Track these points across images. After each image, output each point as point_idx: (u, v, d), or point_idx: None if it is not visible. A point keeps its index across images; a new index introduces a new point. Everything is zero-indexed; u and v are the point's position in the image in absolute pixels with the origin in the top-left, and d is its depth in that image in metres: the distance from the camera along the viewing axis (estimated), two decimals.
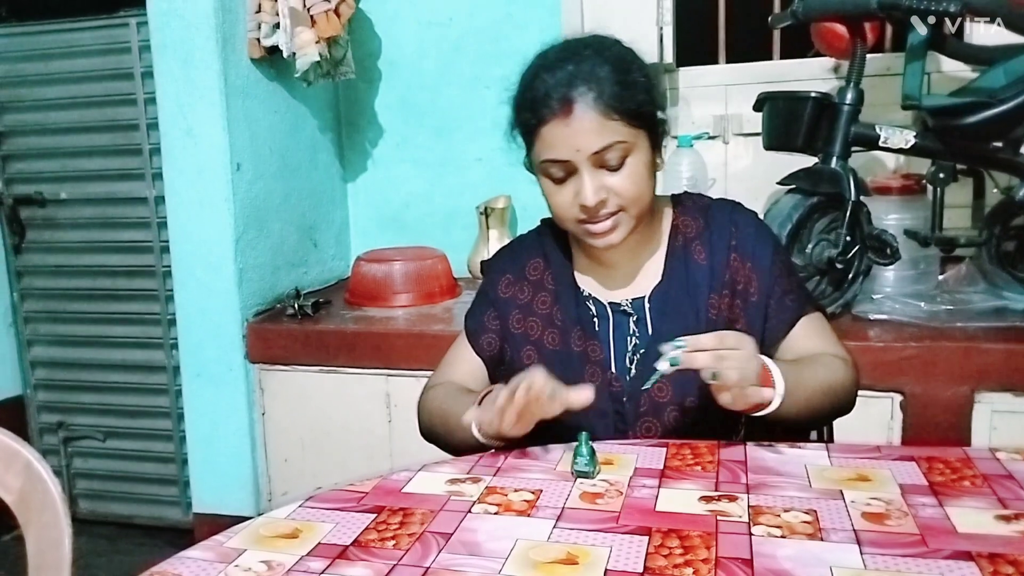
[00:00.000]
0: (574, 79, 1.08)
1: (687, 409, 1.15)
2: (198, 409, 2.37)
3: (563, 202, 1.13)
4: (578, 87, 1.07)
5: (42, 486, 0.87)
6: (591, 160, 1.09)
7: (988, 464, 0.99)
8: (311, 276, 2.63)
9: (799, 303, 1.21)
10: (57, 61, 2.57)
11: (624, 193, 1.10)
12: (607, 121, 1.07)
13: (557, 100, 1.08)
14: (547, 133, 1.09)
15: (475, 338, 1.28)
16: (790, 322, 1.20)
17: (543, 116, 1.09)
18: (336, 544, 0.85)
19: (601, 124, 1.07)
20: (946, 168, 1.95)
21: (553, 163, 1.11)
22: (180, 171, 2.27)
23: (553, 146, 1.10)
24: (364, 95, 2.75)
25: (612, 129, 1.08)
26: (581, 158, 1.09)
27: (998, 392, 1.80)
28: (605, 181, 1.10)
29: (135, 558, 2.49)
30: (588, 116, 1.07)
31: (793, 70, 2.42)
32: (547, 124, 1.09)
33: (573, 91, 1.07)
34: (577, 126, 1.07)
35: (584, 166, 1.09)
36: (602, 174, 1.10)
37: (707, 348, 0.98)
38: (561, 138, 1.08)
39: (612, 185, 1.10)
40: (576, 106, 1.07)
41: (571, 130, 1.08)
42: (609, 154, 1.08)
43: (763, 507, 0.89)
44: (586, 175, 1.09)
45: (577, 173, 1.10)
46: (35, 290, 2.74)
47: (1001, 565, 0.76)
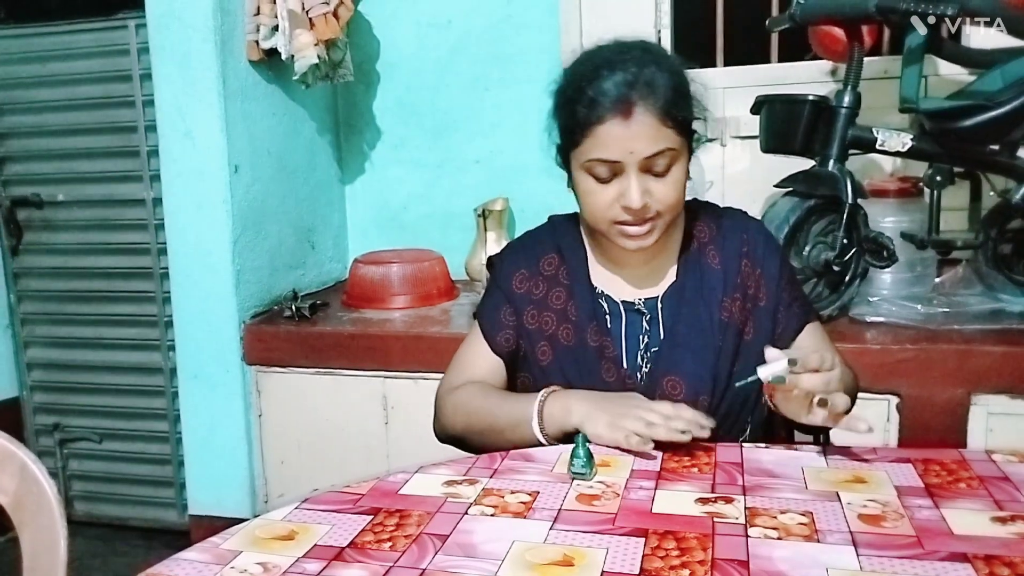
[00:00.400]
0: (636, 82, 1.08)
1: (699, 408, 1.15)
2: (194, 411, 2.37)
3: (603, 201, 1.13)
4: (640, 90, 1.08)
5: (38, 488, 0.87)
6: (640, 164, 1.10)
7: (984, 466, 0.99)
8: (308, 278, 2.62)
9: (804, 312, 1.26)
10: (55, 63, 2.57)
11: (666, 200, 1.12)
12: (663, 128, 1.09)
13: (618, 100, 1.08)
14: (603, 132, 1.09)
15: (492, 335, 1.27)
16: (797, 330, 1.24)
17: (602, 115, 1.09)
18: (332, 546, 0.85)
19: (657, 130, 1.09)
20: (943, 171, 1.95)
21: (602, 163, 1.11)
22: (178, 173, 2.27)
23: (607, 146, 1.10)
24: (362, 97, 2.75)
25: (666, 136, 1.09)
26: (632, 161, 1.09)
27: (994, 394, 1.80)
28: (649, 186, 1.11)
29: (131, 560, 2.49)
30: (647, 120, 1.08)
31: (790, 73, 2.42)
32: (605, 123, 1.09)
33: (635, 93, 1.08)
34: (635, 129, 1.08)
35: (632, 169, 1.10)
36: (647, 179, 1.11)
37: (815, 369, 0.98)
38: (617, 139, 1.09)
39: (655, 191, 1.11)
40: (636, 109, 1.08)
41: (629, 132, 1.08)
42: (658, 160, 1.10)
43: (759, 509, 0.89)
44: (634, 178, 1.10)
45: (623, 175, 1.11)
46: (32, 292, 2.73)
47: (997, 567, 0.76)
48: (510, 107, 2.57)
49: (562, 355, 1.21)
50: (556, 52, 2.49)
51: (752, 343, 1.21)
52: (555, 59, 2.50)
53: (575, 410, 1.10)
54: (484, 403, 1.19)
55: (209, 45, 2.17)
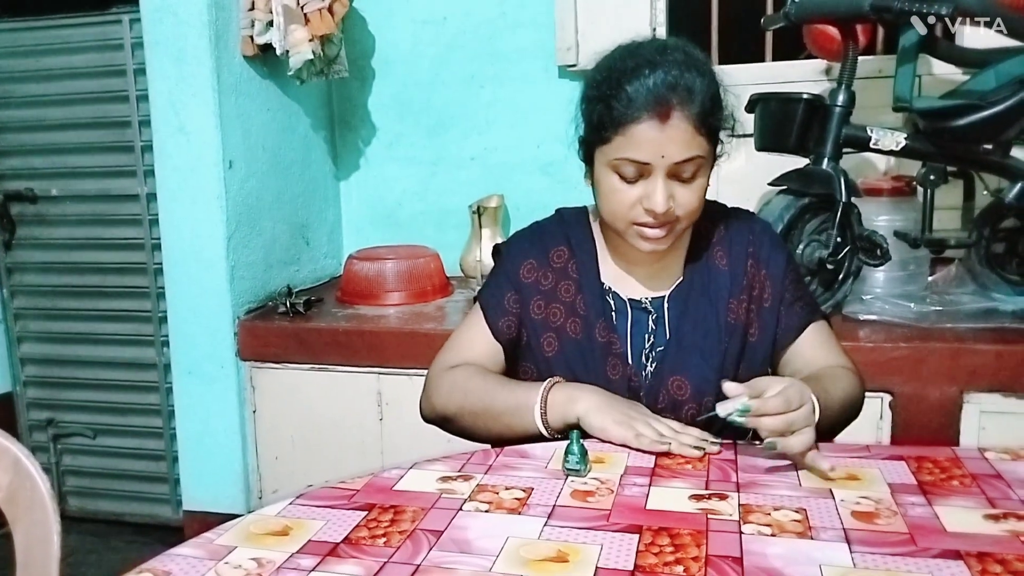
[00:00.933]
0: (677, 85, 1.07)
1: (705, 406, 1.16)
2: (189, 407, 2.37)
3: (626, 201, 1.12)
4: (680, 94, 1.06)
5: (31, 483, 0.87)
6: (669, 169, 1.08)
7: (977, 464, 1.00)
8: (303, 274, 2.62)
9: (808, 311, 1.24)
10: (49, 57, 2.56)
11: (688, 206, 1.11)
12: (696, 135, 1.08)
13: (657, 102, 1.06)
14: (638, 132, 1.07)
15: (494, 320, 1.25)
16: (799, 328, 1.23)
17: (639, 114, 1.07)
18: (327, 541, 0.85)
19: (691, 136, 1.07)
20: (936, 170, 1.96)
21: (632, 163, 1.09)
22: (172, 168, 2.26)
23: (640, 146, 1.08)
24: (357, 93, 2.74)
25: (698, 143, 1.08)
26: (663, 164, 1.08)
27: (987, 392, 1.81)
28: (674, 191, 1.10)
29: (125, 556, 2.48)
30: (683, 126, 1.07)
31: (785, 72, 2.43)
32: (641, 123, 1.07)
33: (675, 97, 1.06)
34: (671, 133, 1.06)
35: (660, 172, 1.09)
36: (673, 184, 1.10)
37: (773, 412, 0.96)
38: (651, 141, 1.07)
39: (680, 196, 1.10)
40: (674, 113, 1.06)
41: (664, 136, 1.07)
42: (687, 166, 1.09)
43: (753, 505, 0.90)
44: (660, 182, 1.09)
45: (649, 177, 1.10)
46: (25, 287, 2.73)
47: (989, 564, 0.76)
48: (505, 104, 2.57)
49: (569, 348, 1.21)
50: (551, 50, 2.50)
51: (757, 345, 1.21)
52: (550, 57, 2.50)
53: (582, 400, 1.10)
54: (483, 384, 1.18)
55: (203, 40, 2.17)
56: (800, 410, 0.97)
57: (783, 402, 0.96)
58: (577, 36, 2.47)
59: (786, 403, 0.96)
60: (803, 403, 0.97)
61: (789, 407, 0.96)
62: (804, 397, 0.98)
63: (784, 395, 0.96)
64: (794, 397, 0.97)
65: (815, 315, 1.25)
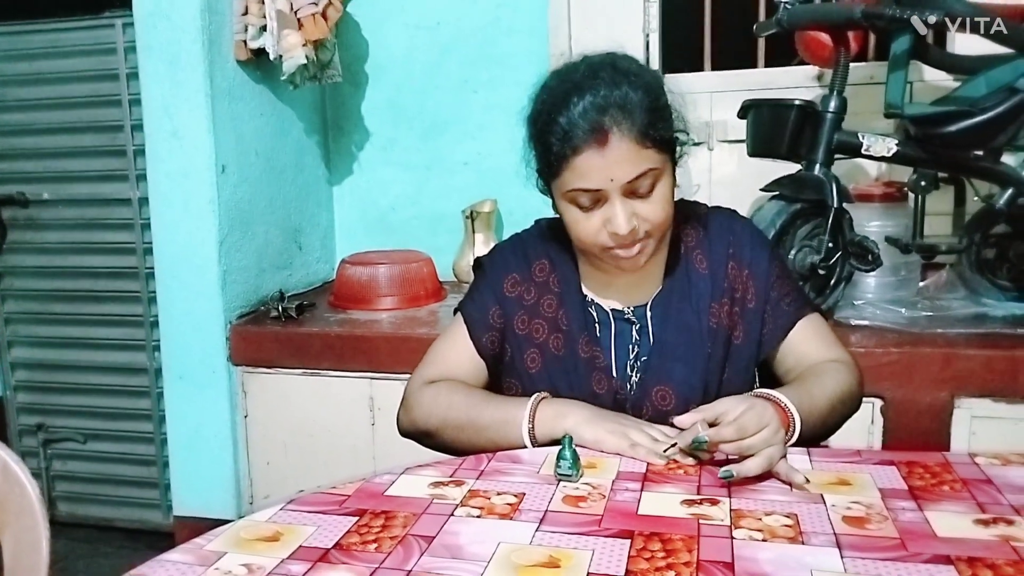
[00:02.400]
0: (608, 106, 1.04)
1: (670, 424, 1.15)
2: (180, 412, 2.36)
3: (590, 229, 1.10)
4: (613, 115, 1.04)
5: (20, 488, 0.86)
6: (623, 189, 1.06)
7: (967, 469, 1.00)
8: (296, 279, 2.62)
9: (796, 306, 1.22)
10: (42, 61, 2.55)
11: (654, 219, 1.09)
12: (642, 150, 1.05)
13: (592, 129, 1.04)
14: (580, 163, 1.05)
15: (477, 335, 1.23)
16: (787, 326, 1.21)
17: (577, 145, 1.04)
18: (317, 547, 0.84)
19: (636, 153, 1.05)
20: (928, 176, 1.97)
21: (583, 192, 1.07)
22: (165, 173, 2.26)
23: (585, 175, 1.06)
24: (351, 98, 2.74)
25: (646, 157, 1.05)
26: (614, 187, 1.06)
27: (977, 398, 1.82)
28: (636, 209, 1.08)
29: (115, 561, 2.47)
30: (624, 146, 1.04)
31: (777, 78, 2.44)
32: (580, 154, 1.05)
33: (608, 119, 1.03)
34: (613, 156, 1.04)
35: (615, 195, 1.06)
36: (632, 202, 1.08)
37: (728, 440, 0.95)
38: (595, 168, 1.05)
39: (642, 212, 1.08)
40: (612, 135, 1.03)
41: (606, 161, 1.04)
42: (641, 182, 1.06)
43: (744, 511, 0.90)
44: (618, 204, 1.07)
45: (607, 201, 1.07)
46: (16, 291, 2.71)
47: (980, 569, 0.76)
48: (499, 109, 2.57)
49: (552, 364, 1.20)
50: (545, 55, 2.50)
51: (742, 347, 1.20)
52: (544, 62, 2.51)
53: (571, 415, 1.09)
54: (467, 398, 1.17)
55: (197, 44, 2.16)
56: (757, 435, 0.95)
57: (736, 430, 0.95)
58: (571, 42, 2.47)
59: (740, 431, 0.95)
60: (762, 427, 0.96)
61: (744, 434, 0.95)
62: (763, 420, 0.96)
63: (738, 423, 0.95)
64: (750, 423, 0.95)
65: (804, 310, 1.22)
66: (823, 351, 1.20)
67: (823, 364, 1.17)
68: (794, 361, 1.20)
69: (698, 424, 0.98)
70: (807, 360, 1.19)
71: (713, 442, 0.96)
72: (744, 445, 0.95)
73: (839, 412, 1.14)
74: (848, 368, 1.18)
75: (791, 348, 1.21)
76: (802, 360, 1.19)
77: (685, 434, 0.99)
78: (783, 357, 1.21)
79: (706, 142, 2.48)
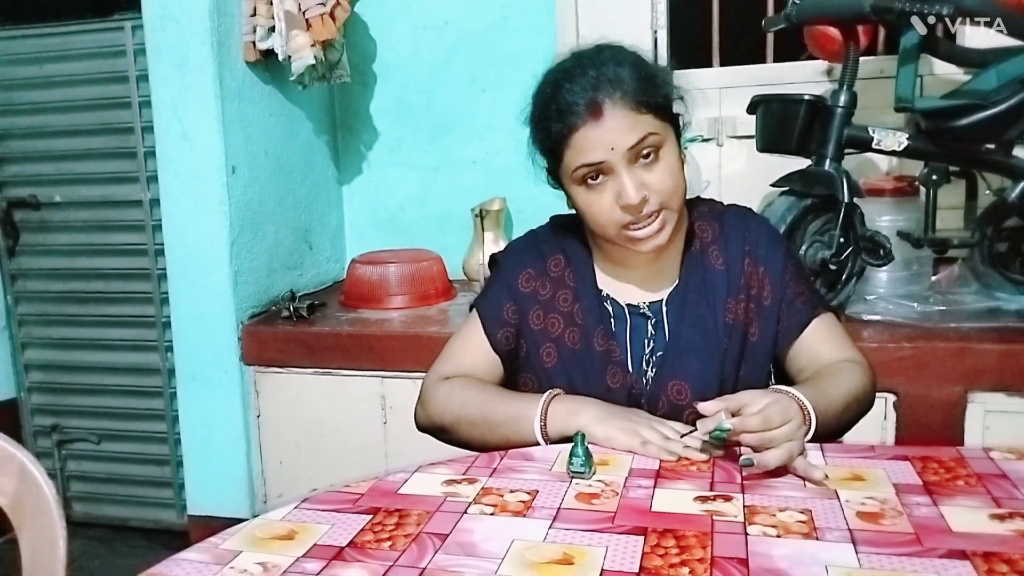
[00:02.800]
0: (598, 82, 1.07)
1: (688, 419, 1.14)
2: (193, 412, 2.37)
3: (604, 208, 1.11)
4: (604, 87, 1.07)
5: (36, 489, 0.87)
6: (627, 157, 1.08)
7: (982, 463, 0.99)
8: (306, 278, 2.62)
9: (810, 305, 1.22)
10: (52, 64, 2.56)
11: (663, 187, 1.10)
12: (638, 116, 1.07)
13: (585, 105, 1.07)
14: (579, 139, 1.08)
15: (492, 331, 1.24)
16: (802, 324, 1.21)
17: (573, 123, 1.08)
18: (332, 545, 0.85)
19: (633, 119, 1.07)
20: (939, 170, 1.96)
21: (588, 167, 1.09)
22: (175, 174, 2.27)
23: (586, 150, 1.08)
24: (359, 98, 2.75)
25: (644, 122, 1.08)
26: (617, 157, 1.07)
27: (991, 392, 1.81)
28: (643, 178, 1.09)
29: (130, 561, 2.48)
30: (619, 113, 1.07)
31: (786, 73, 2.43)
32: (579, 130, 1.08)
33: (600, 93, 1.07)
34: (609, 125, 1.07)
35: (620, 165, 1.08)
36: (639, 172, 1.09)
37: (752, 431, 0.95)
38: (594, 140, 1.07)
39: (650, 181, 1.09)
40: (605, 106, 1.06)
41: (604, 130, 1.07)
42: (644, 148, 1.08)
43: (758, 507, 0.90)
44: (624, 174, 1.08)
45: (614, 175, 1.09)
46: (29, 293, 2.73)
47: (996, 564, 0.76)
48: (507, 108, 2.54)
49: (568, 359, 1.20)
50: (552, 53, 2.48)
51: (759, 344, 1.20)
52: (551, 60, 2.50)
53: (583, 413, 1.09)
54: (481, 395, 1.18)
55: (206, 46, 2.17)
56: (781, 428, 0.95)
57: (762, 421, 0.95)
58: (578, 39, 2.47)
59: (765, 422, 0.95)
60: (786, 420, 0.96)
61: (769, 426, 0.95)
62: (787, 414, 0.96)
63: (764, 414, 0.95)
64: (775, 416, 0.95)
65: (818, 309, 1.22)
66: (836, 351, 1.20)
67: (837, 364, 1.17)
68: (807, 360, 1.20)
69: (722, 412, 0.97)
70: (820, 360, 1.19)
71: (735, 431, 0.96)
72: (767, 437, 0.95)
73: (853, 411, 1.13)
74: (862, 368, 1.18)
75: (804, 347, 1.21)
76: (815, 360, 1.19)
77: (707, 421, 0.99)
78: (796, 356, 1.21)
79: (715, 138, 2.47)
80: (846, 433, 1.17)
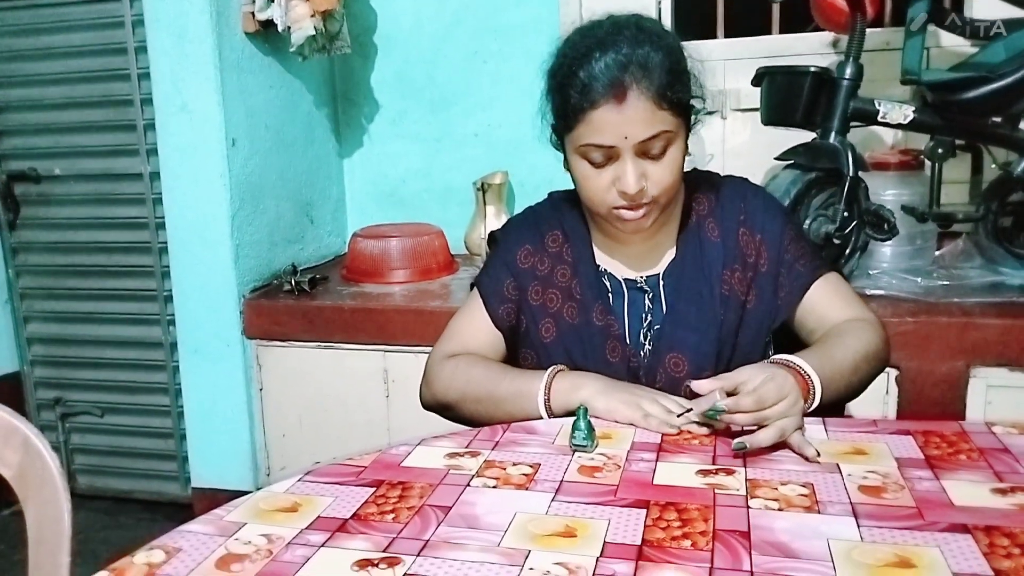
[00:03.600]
0: (629, 64, 1.04)
1: (683, 393, 1.15)
2: (196, 385, 2.38)
3: (599, 186, 1.11)
4: (634, 72, 1.04)
5: (40, 462, 0.87)
6: (636, 148, 1.07)
7: (984, 438, 1.00)
8: (308, 252, 2.62)
9: (811, 267, 1.21)
10: (50, 36, 2.54)
11: (662, 183, 1.10)
12: (658, 111, 1.06)
13: (611, 84, 1.04)
14: (596, 117, 1.06)
15: (493, 308, 1.25)
16: (803, 287, 1.20)
17: (595, 99, 1.05)
18: (336, 517, 0.85)
19: (652, 113, 1.05)
20: (944, 143, 1.95)
21: (596, 147, 1.08)
22: (175, 147, 2.25)
23: (601, 131, 1.07)
24: (360, 70, 2.72)
25: (661, 119, 1.06)
26: (627, 145, 1.06)
27: (993, 367, 1.81)
28: (646, 169, 1.08)
29: (134, 532, 2.51)
30: (641, 104, 1.05)
31: (792, 45, 2.41)
32: (598, 108, 1.05)
33: (628, 76, 1.04)
34: (630, 113, 1.05)
35: (628, 153, 1.07)
36: (643, 162, 1.08)
37: (746, 411, 0.95)
38: (611, 124, 1.06)
39: (652, 174, 1.09)
40: (631, 93, 1.04)
41: (623, 117, 1.05)
42: (654, 143, 1.07)
43: (760, 480, 0.90)
44: (629, 162, 1.07)
45: (618, 159, 1.08)
46: (30, 267, 2.73)
47: (997, 538, 0.76)
48: (509, 80, 2.55)
49: (567, 333, 1.21)
50: (555, 24, 2.47)
51: (756, 312, 1.20)
52: (554, 31, 2.48)
53: (585, 387, 1.10)
54: (485, 372, 1.18)
55: (205, 17, 2.15)
56: (776, 406, 0.95)
57: (755, 401, 0.94)
58: (581, 10, 2.44)
59: (759, 402, 0.94)
60: (781, 397, 0.95)
61: (763, 405, 0.94)
62: (782, 391, 0.95)
63: (758, 394, 0.95)
64: (769, 394, 0.95)
65: (820, 270, 1.21)
66: (844, 310, 1.19)
67: (844, 324, 1.16)
68: (815, 322, 1.19)
69: (716, 392, 0.98)
70: (828, 320, 1.18)
71: (730, 411, 0.96)
72: (761, 416, 0.95)
73: (864, 371, 1.12)
74: (870, 325, 1.17)
75: (810, 309, 1.20)
76: (823, 320, 1.18)
77: (701, 401, 0.99)
78: (803, 319, 1.20)
79: (719, 111, 2.45)
80: (861, 392, 1.15)
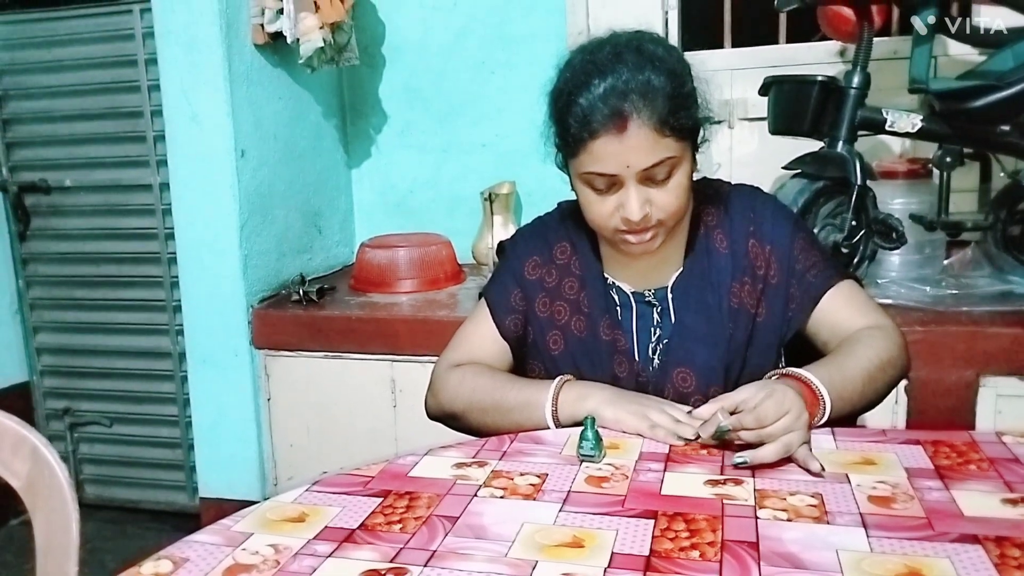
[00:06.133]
0: (629, 92, 1.02)
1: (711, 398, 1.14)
2: (204, 395, 2.38)
3: (603, 212, 1.10)
4: (634, 101, 1.02)
5: (49, 471, 0.87)
6: (639, 176, 1.06)
7: (994, 448, 0.99)
8: (316, 262, 2.63)
9: (823, 277, 1.19)
10: (60, 48, 2.56)
11: (667, 208, 1.09)
12: (661, 138, 1.04)
13: (611, 114, 1.03)
14: (597, 147, 1.04)
15: (500, 318, 1.24)
16: (815, 298, 1.18)
17: (595, 130, 1.04)
18: (343, 528, 0.85)
19: (655, 141, 1.04)
20: (953, 152, 1.94)
21: (598, 176, 1.07)
22: (184, 158, 2.27)
23: (602, 160, 1.05)
24: (368, 81, 2.74)
25: (664, 146, 1.04)
26: (630, 174, 1.05)
27: (1003, 376, 1.80)
28: (650, 195, 1.07)
29: (142, 542, 2.51)
30: (642, 133, 1.03)
31: (799, 54, 2.41)
32: (599, 139, 1.04)
33: (628, 105, 1.02)
34: (631, 143, 1.03)
35: (631, 181, 1.06)
36: (647, 189, 1.07)
37: (748, 428, 0.94)
38: (612, 154, 1.04)
39: (657, 199, 1.08)
40: (631, 122, 1.02)
41: (624, 147, 1.03)
42: (658, 170, 1.06)
43: (769, 491, 0.89)
44: (633, 190, 1.06)
45: (622, 186, 1.07)
46: (40, 277, 2.74)
47: (1008, 548, 0.76)
48: (516, 90, 2.56)
49: (574, 346, 1.20)
50: (562, 34, 2.48)
51: (766, 325, 1.18)
52: (561, 41, 2.49)
53: (592, 397, 1.09)
54: (492, 381, 1.18)
55: (214, 29, 2.16)
56: (778, 423, 0.94)
57: (755, 420, 0.94)
58: (588, 20, 2.45)
59: (759, 420, 0.94)
60: (782, 413, 0.94)
61: (763, 423, 0.94)
62: (782, 408, 0.94)
63: (756, 413, 0.94)
64: (769, 412, 0.94)
65: (834, 279, 1.19)
66: (857, 318, 1.17)
67: (858, 333, 1.14)
68: (828, 333, 1.17)
69: (718, 414, 0.97)
70: (842, 330, 1.16)
71: (734, 429, 0.96)
72: (764, 433, 0.94)
73: (879, 381, 1.10)
74: (885, 333, 1.15)
75: (823, 320, 1.18)
76: (837, 330, 1.17)
77: (707, 426, 0.99)
78: (817, 330, 1.19)
79: (726, 120, 2.45)
80: (879, 403, 1.14)
